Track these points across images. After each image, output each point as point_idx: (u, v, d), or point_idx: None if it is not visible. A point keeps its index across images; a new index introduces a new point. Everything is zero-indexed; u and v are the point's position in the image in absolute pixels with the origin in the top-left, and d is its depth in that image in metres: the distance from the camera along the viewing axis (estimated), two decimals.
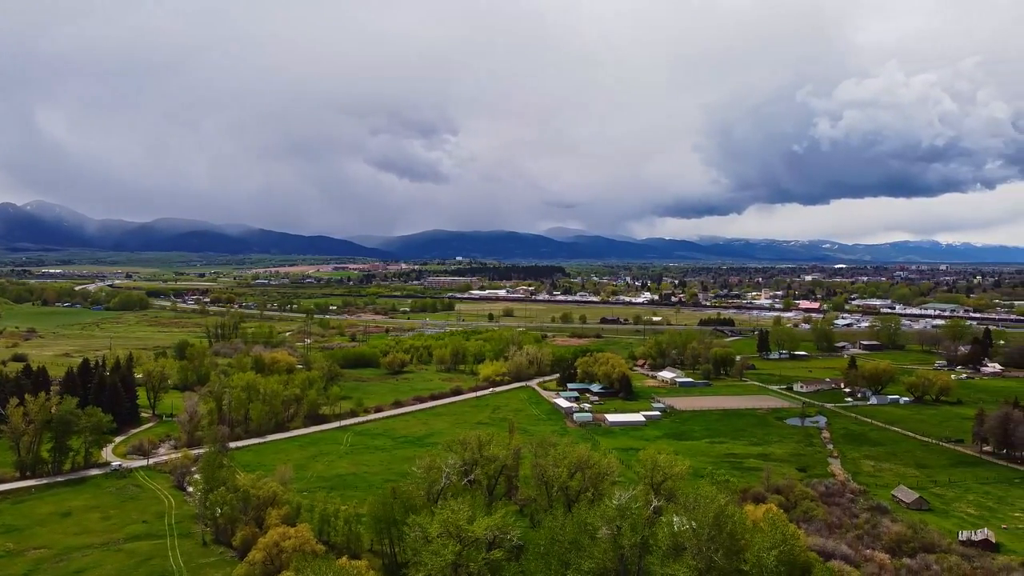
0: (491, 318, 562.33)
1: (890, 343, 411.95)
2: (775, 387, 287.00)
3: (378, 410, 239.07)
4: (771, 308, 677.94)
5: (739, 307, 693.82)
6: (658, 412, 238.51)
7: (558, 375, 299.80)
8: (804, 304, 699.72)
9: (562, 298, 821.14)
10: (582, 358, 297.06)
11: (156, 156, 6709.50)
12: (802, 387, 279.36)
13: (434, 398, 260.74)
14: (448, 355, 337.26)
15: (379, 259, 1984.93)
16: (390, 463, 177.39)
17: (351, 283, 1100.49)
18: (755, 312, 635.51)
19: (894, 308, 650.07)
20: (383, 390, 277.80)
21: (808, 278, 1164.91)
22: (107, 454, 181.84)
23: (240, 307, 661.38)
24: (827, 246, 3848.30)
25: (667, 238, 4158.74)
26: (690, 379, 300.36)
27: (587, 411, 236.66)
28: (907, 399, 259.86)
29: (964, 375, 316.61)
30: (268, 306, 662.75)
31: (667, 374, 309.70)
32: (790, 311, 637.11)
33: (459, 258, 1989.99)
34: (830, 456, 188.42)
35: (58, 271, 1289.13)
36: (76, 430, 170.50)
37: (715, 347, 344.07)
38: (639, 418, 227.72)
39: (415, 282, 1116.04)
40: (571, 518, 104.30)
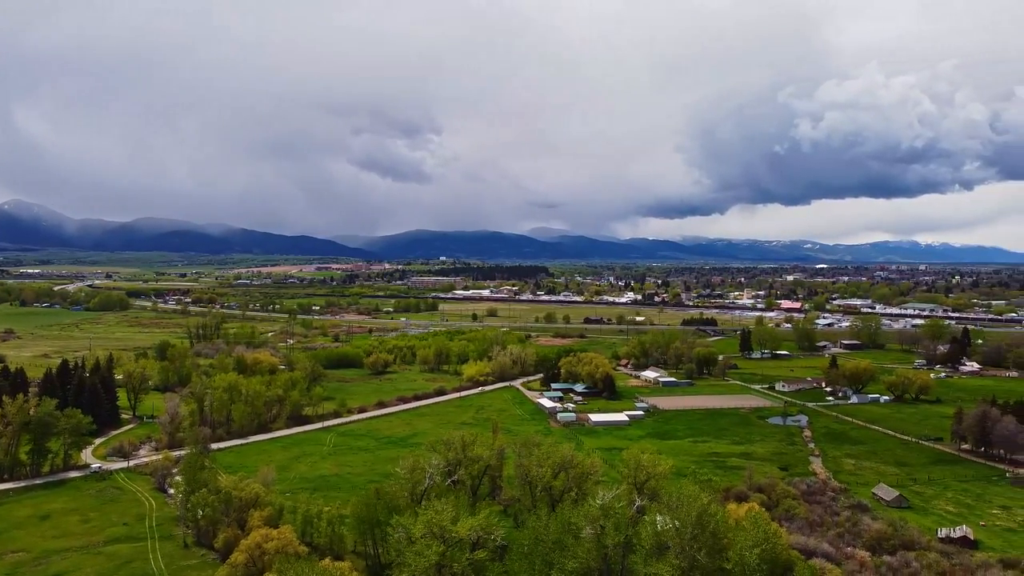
0: (475, 318, 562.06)
1: (870, 342, 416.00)
2: (757, 386, 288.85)
3: (361, 411, 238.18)
4: (753, 308, 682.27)
5: (722, 307, 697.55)
6: (641, 412, 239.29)
7: (542, 375, 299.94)
8: (786, 304, 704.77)
9: (546, 298, 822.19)
10: (566, 358, 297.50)
11: (137, 155, 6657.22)
12: (784, 386, 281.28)
13: (418, 398, 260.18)
14: (432, 355, 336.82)
15: (362, 259, 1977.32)
16: (373, 464, 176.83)
17: (334, 283, 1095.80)
18: (737, 312, 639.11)
19: (874, 308, 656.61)
20: (366, 391, 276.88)
21: (790, 278, 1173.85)
22: (87, 456, 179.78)
23: (222, 307, 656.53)
24: (808, 246, 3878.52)
25: (650, 238, 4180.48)
26: (673, 379, 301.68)
27: (571, 411, 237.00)
28: (887, 398, 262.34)
29: (943, 374, 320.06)
30: (250, 306, 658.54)
31: (650, 374, 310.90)
32: (772, 311, 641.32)
33: (443, 258, 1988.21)
34: (812, 455, 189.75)
35: (36, 271, 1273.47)
36: (55, 432, 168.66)
37: (698, 347, 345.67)
38: (622, 418, 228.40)
39: (398, 282, 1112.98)
40: (555, 518, 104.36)
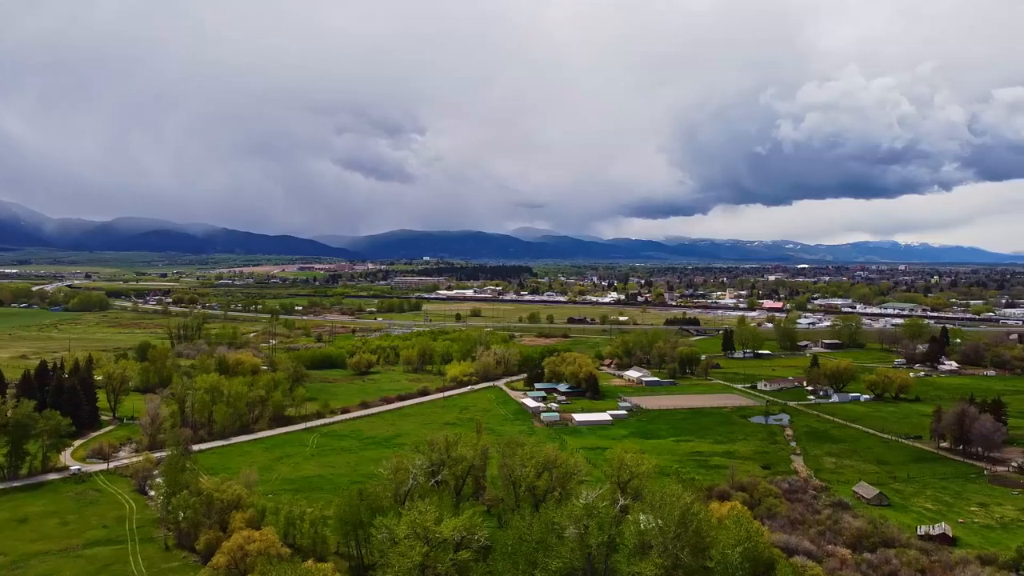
0: (458, 318, 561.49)
1: (851, 342, 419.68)
2: (740, 386, 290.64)
3: (344, 411, 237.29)
4: (736, 308, 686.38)
5: (704, 307, 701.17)
6: (625, 411, 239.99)
7: (525, 375, 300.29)
8: (768, 304, 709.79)
9: (529, 298, 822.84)
10: (549, 358, 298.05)
11: (116, 154, 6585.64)
12: (766, 385, 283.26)
13: (401, 399, 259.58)
14: (415, 355, 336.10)
15: (345, 259, 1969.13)
16: (357, 464, 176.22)
17: (317, 283, 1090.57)
18: (720, 312, 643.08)
19: (855, 307, 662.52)
20: (350, 391, 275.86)
21: (772, 278, 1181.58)
22: (66, 458, 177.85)
23: (203, 308, 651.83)
24: (790, 246, 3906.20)
25: (634, 238, 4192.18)
26: (656, 378, 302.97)
27: (554, 411, 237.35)
28: (867, 397, 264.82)
29: (922, 373, 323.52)
30: (232, 307, 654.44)
31: (633, 373, 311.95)
32: (754, 310, 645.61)
33: (426, 258, 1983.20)
34: (793, 453, 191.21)
35: (14, 271, 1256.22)
36: (33, 434, 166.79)
37: (681, 346, 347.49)
38: (606, 417, 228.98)
39: (382, 282, 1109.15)
40: (538, 518, 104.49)
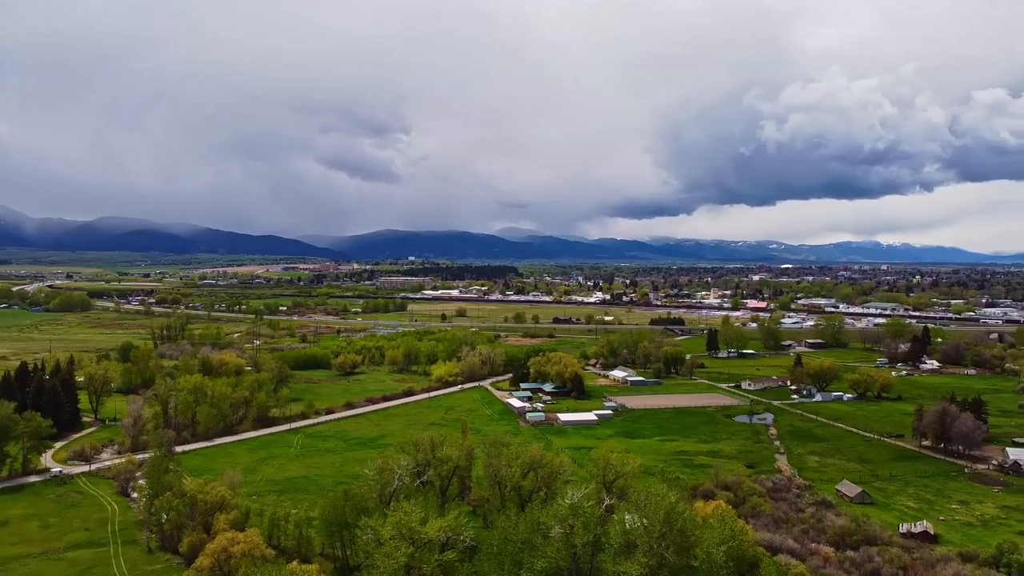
0: (444, 318, 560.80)
1: (834, 341, 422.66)
2: (724, 385, 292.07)
3: (329, 412, 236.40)
4: (720, 307, 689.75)
5: (689, 306, 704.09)
6: (610, 411, 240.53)
7: (511, 375, 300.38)
8: (752, 303, 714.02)
9: (515, 298, 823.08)
10: (535, 358, 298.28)
11: (98, 153, 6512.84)
12: (750, 385, 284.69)
13: (386, 399, 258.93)
14: (400, 356, 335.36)
15: (330, 259, 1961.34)
16: (342, 465, 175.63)
17: (301, 283, 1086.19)
18: (704, 311, 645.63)
19: (838, 307, 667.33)
20: (334, 392, 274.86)
21: (756, 278, 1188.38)
22: (47, 460, 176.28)
23: (187, 308, 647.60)
24: (774, 247, 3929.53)
25: (619, 238, 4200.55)
26: (641, 378, 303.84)
27: (540, 410, 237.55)
28: (850, 396, 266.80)
29: (904, 372, 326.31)
30: (216, 307, 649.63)
31: (619, 373, 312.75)
32: (738, 310, 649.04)
33: (412, 258, 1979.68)
34: (777, 452, 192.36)
35: None
36: (13, 436, 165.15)
37: (666, 346, 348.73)
38: (591, 417, 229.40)
39: (367, 282, 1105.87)
40: (524, 518, 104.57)
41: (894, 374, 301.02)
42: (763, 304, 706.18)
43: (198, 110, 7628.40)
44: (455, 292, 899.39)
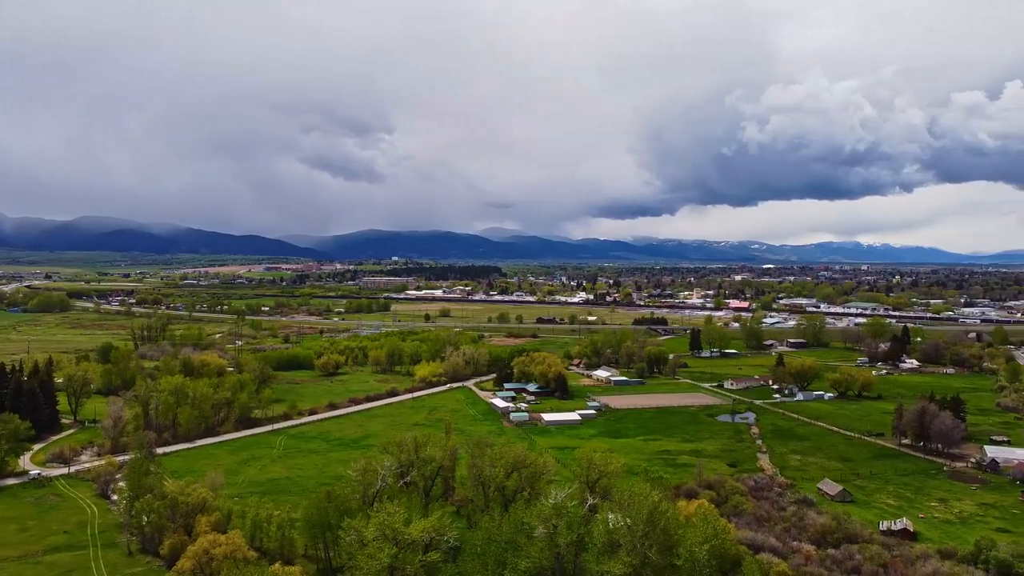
0: (427, 318, 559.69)
1: (815, 341, 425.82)
2: (707, 384, 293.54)
3: (312, 413, 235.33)
4: (703, 307, 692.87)
5: (672, 306, 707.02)
6: (593, 411, 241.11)
7: (495, 375, 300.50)
8: (734, 303, 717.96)
9: (499, 298, 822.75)
10: (518, 358, 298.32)
11: (77, 152, 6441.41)
12: (732, 384, 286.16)
13: (370, 400, 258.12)
14: (384, 356, 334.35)
15: (313, 259, 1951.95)
16: (325, 466, 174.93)
17: (284, 283, 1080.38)
18: (687, 311, 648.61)
19: (819, 307, 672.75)
20: (317, 392, 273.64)
21: (738, 278, 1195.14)
22: (25, 462, 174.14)
23: (168, 308, 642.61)
24: (756, 247, 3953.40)
25: (602, 238, 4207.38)
26: (625, 378, 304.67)
27: (523, 410, 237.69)
28: (831, 395, 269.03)
29: (884, 371, 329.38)
30: (197, 307, 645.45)
31: (602, 373, 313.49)
32: (721, 310, 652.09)
33: (395, 258, 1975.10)
34: (759, 451, 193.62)
35: None
36: None
37: (649, 346, 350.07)
38: (575, 417, 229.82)
39: (350, 282, 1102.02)
40: (508, 518, 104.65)
41: (874, 373, 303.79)
42: (745, 304, 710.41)
43: (178, 108, 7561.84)
44: (439, 292, 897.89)
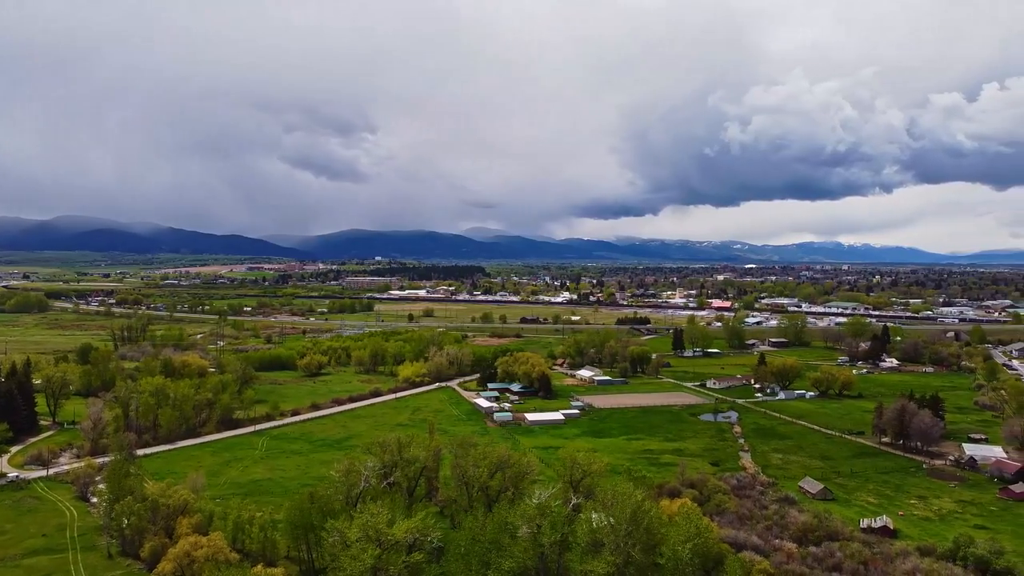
0: (411, 318, 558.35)
1: (796, 340, 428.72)
2: (689, 384, 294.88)
3: (295, 413, 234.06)
4: (685, 307, 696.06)
5: (655, 306, 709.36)
6: (577, 410, 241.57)
7: (478, 375, 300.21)
8: (716, 303, 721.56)
9: (482, 298, 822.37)
10: (502, 358, 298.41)
11: (55, 150, 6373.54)
12: (715, 383, 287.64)
13: (353, 400, 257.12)
14: (367, 356, 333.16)
15: (295, 259, 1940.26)
16: (307, 467, 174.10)
17: (266, 283, 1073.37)
18: (670, 311, 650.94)
19: (800, 306, 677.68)
20: (300, 393, 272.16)
21: (720, 278, 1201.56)
22: (2, 465, 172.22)
23: (148, 308, 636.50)
24: (738, 247, 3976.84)
25: (585, 238, 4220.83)
26: (608, 377, 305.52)
27: (507, 410, 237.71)
28: (812, 394, 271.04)
29: (864, 370, 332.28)
30: (178, 307, 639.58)
31: (586, 372, 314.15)
32: (703, 310, 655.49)
33: (378, 258, 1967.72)
34: (741, 450, 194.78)
35: None
36: None
37: (632, 345, 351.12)
38: (558, 416, 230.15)
39: (333, 282, 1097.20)
40: (491, 518, 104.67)
41: (855, 372, 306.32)
42: (727, 304, 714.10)
43: (159, 107, 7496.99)
44: (422, 292, 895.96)
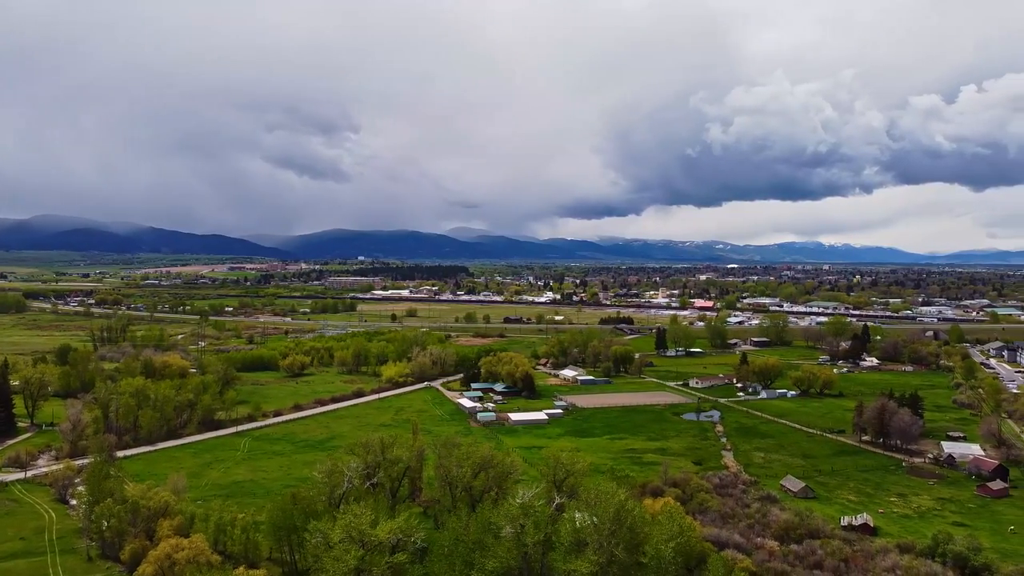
0: (394, 319, 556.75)
1: (778, 340, 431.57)
2: (672, 383, 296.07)
3: (277, 414, 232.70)
4: (668, 307, 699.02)
5: (638, 306, 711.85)
6: (560, 410, 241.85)
7: (462, 375, 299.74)
8: (699, 303, 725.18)
9: (466, 298, 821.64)
10: (486, 358, 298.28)
11: (33, 149, 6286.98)
12: (697, 383, 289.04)
13: (335, 400, 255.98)
14: (350, 357, 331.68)
15: (278, 259, 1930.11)
16: (290, 468, 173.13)
17: (248, 283, 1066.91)
18: (653, 311, 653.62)
19: (782, 306, 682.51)
20: (282, 393, 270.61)
21: (703, 277, 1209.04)
22: None
23: (128, 309, 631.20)
24: (720, 247, 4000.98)
25: (569, 238, 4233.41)
26: (591, 377, 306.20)
27: (491, 410, 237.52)
28: (794, 393, 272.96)
29: (845, 369, 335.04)
30: (159, 308, 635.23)
31: (569, 372, 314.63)
32: (686, 309, 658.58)
33: (361, 258, 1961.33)
34: (724, 449, 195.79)
35: None
36: None
37: (615, 345, 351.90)
38: (542, 416, 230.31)
39: (316, 282, 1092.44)
40: (475, 518, 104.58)
41: (835, 371, 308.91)
42: (710, 303, 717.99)
43: (139, 105, 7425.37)
44: (405, 292, 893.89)
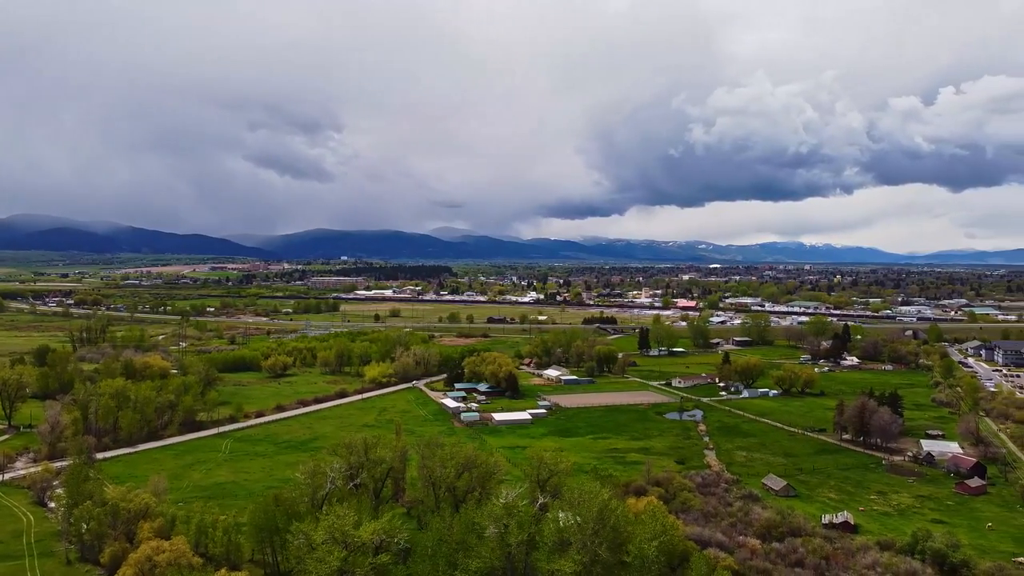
0: (377, 319, 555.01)
1: (760, 339, 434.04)
2: (655, 383, 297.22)
3: (259, 415, 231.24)
4: (651, 307, 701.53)
5: (621, 306, 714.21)
6: (544, 410, 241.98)
7: (445, 375, 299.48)
8: (682, 303, 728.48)
9: (449, 298, 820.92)
10: (469, 358, 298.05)
11: (9, 148, 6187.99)
12: (680, 382, 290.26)
13: (318, 401, 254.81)
14: (333, 357, 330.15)
15: (260, 259, 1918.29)
16: (272, 469, 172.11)
17: (230, 283, 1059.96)
18: (636, 310, 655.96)
19: (763, 306, 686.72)
20: (264, 394, 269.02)
21: (685, 277, 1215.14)
22: None
23: (108, 309, 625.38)
24: (702, 247, 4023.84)
25: (552, 238, 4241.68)
26: (575, 376, 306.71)
27: (474, 410, 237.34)
28: (776, 392, 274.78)
29: (826, 368, 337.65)
30: (139, 308, 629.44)
31: (553, 372, 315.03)
32: (669, 309, 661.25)
33: (344, 258, 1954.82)
34: (706, 448, 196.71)
35: None
36: None
37: (598, 345, 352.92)
38: (525, 416, 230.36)
39: (298, 282, 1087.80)
40: (458, 518, 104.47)
41: (816, 370, 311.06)
42: (692, 303, 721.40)
43: (118, 102, 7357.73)
44: (389, 292, 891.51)
